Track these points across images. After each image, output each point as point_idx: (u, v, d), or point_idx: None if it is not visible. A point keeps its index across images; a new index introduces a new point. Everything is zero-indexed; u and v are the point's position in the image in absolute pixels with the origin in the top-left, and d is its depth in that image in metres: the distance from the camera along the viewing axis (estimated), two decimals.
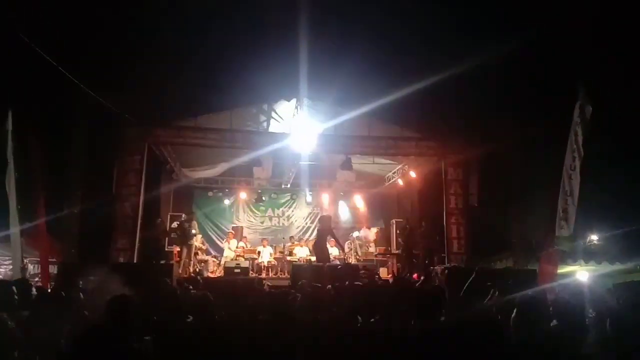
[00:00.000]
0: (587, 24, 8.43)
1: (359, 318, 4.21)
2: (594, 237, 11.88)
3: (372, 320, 4.07)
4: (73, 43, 8.42)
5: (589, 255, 10.71)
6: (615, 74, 9.40)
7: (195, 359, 3.48)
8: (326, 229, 11.92)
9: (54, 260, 10.73)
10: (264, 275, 13.44)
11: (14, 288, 4.04)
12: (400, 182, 15.61)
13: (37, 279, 10.84)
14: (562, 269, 9.98)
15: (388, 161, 14.61)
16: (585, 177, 7.74)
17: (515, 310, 3.89)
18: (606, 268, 10.64)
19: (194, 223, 13.66)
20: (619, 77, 9.43)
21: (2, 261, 11.16)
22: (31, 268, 11.65)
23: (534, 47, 9.01)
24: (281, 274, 13.95)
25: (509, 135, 11.08)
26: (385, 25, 9.46)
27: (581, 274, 10.62)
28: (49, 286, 8.44)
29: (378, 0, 9.36)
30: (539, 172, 10.47)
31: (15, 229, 8.36)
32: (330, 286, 6.06)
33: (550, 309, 4.50)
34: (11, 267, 9.16)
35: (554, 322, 4.11)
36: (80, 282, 6.70)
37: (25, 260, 10.25)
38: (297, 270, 11.16)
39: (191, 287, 6.40)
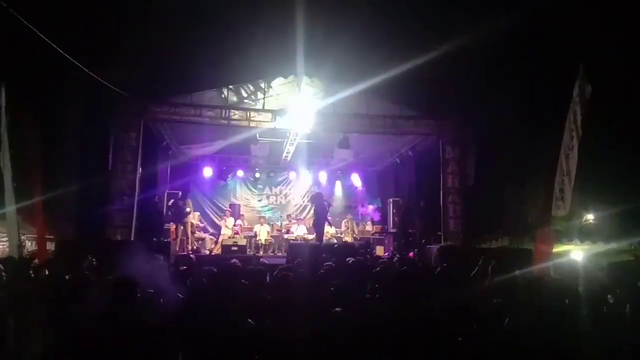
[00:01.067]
0: (588, 1, 8.30)
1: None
2: (590, 217, 11.95)
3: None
4: (67, 17, 8.26)
5: (585, 234, 10.79)
6: (615, 53, 9.31)
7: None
8: (321, 207, 11.97)
9: (51, 237, 10.76)
10: (261, 253, 13.51)
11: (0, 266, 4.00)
12: (398, 160, 15.58)
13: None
14: (558, 248, 10.03)
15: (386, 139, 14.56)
16: (582, 156, 7.70)
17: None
18: (601, 247, 10.72)
19: (188, 201, 13.68)
20: (619, 57, 9.34)
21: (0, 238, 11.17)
22: (29, 245, 11.69)
23: (533, 23, 8.89)
24: (278, 252, 14.04)
25: (507, 113, 11.03)
26: (382, 1, 9.30)
27: (576, 253, 10.70)
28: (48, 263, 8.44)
29: None
30: (536, 151, 10.45)
31: (10, 206, 8.31)
32: (330, 263, 6.08)
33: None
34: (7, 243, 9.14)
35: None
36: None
37: (22, 237, 10.26)
38: (293, 248, 11.23)
39: (185, 267, 6.39)
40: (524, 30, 9.50)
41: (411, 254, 11.93)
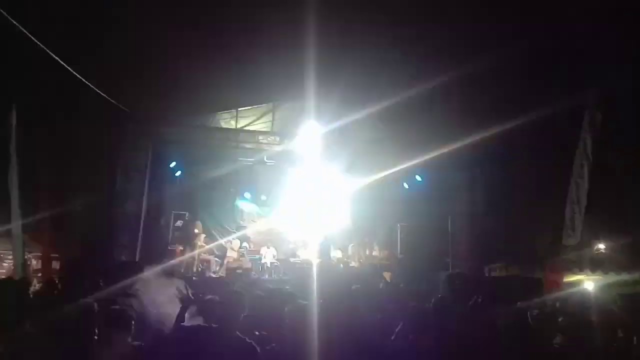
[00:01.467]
0: (598, 29, 8.27)
1: None
2: (601, 246, 11.71)
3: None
4: (77, 39, 8.37)
5: (596, 264, 10.54)
6: (626, 82, 9.23)
7: None
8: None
9: (56, 255, 10.76)
10: (266, 276, 13.35)
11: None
12: (406, 185, 15.46)
13: (39, 274, 10.90)
14: (569, 278, 9.83)
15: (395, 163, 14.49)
16: (593, 185, 7.60)
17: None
18: (613, 278, 10.46)
19: (198, 223, 13.63)
20: (629, 85, 9.26)
21: (5, 256, 11.18)
22: (34, 263, 11.69)
23: (541, 51, 8.87)
24: (284, 276, 13.86)
25: (517, 140, 10.94)
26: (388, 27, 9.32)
27: (588, 283, 10.46)
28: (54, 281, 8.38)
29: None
30: (547, 180, 10.32)
31: (16, 224, 8.34)
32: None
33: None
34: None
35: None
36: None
37: (27, 256, 10.27)
38: (298, 273, 11.10)
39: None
40: (532, 57, 9.47)
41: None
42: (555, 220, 8.77)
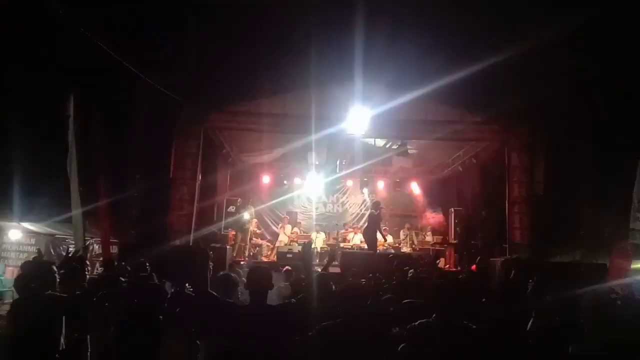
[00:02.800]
0: None
1: None
2: None
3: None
4: (129, 27, 8.56)
5: None
6: None
7: None
8: (376, 216, 11.68)
9: (115, 240, 11.21)
10: (317, 261, 13.38)
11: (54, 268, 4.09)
12: (460, 168, 14.99)
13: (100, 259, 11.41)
14: (636, 265, 9.19)
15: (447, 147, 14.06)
16: None
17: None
18: None
19: (250, 207, 13.83)
20: None
21: (70, 242, 11.78)
22: (96, 248, 12.26)
23: (608, 20, 8.21)
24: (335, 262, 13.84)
25: (582, 117, 10.27)
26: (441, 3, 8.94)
27: None
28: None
29: None
30: (614, 158, 9.63)
31: (77, 210, 8.72)
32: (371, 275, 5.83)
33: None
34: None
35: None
36: None
37: (89, 241, 10.77)
38: (346, 257, 11.01)
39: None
40: (598, 28, 8.80)
41: (473, 266, 11.35)
42: (622, 203, 8.18)
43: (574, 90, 9.78)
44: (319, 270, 4.93)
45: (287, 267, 7.86)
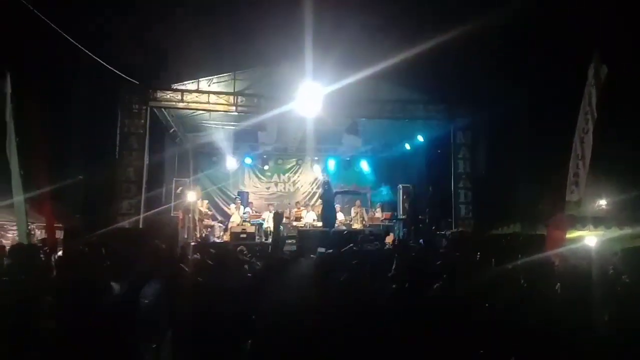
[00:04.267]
0: None
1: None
2: (603, 202, 11.70)
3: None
4: (72, 2, 8.14)
5: (598, 220, 10.55)
6: (632, 35, 9.02)
7: None
8: (329, 194, 11.86)
9: (60, 225, 10.76)
10: (269, 240, 13.43)
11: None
12: (408, 146, 15.38)
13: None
14: (571, 234, 9.85)
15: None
16: (597, 140, 7.48)
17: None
18: (615, 233, 10.49)
19: (199, 189, 13.62)
20: (635, 38, 9.05)
21: (10, 227, 11.21)
22: (38, 233, 11.72)
23: (546, 4, 8.63)
24: (287, 240, 13.93)
25: (520, 98, 10.79)
26: None
27: (590, 239, 10.49)
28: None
29: None
30: (550, 136, 10.22)
31: (18, 194, 8.28)
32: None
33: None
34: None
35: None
36: None
37: (31, 226, 10.27)
38: (303, 235, 11.14)
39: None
40: (537, 14, 9.23)
41: (421, 240, 11.79)
42: (558, 176, 8.71)
43: (512, 77, 10.27)
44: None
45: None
